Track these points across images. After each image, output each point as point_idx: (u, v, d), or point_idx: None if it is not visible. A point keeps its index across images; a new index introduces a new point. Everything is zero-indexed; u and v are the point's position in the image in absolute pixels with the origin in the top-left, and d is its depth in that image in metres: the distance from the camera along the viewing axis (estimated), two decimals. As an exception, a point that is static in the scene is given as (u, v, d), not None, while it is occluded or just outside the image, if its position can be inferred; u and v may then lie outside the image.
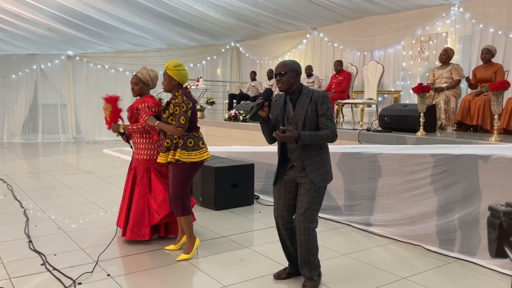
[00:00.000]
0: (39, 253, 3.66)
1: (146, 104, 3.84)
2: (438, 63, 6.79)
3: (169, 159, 3.54)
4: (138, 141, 3.95)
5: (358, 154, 4.57)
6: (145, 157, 3.92)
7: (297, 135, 2.85)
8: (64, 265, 3.41)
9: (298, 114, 2.97)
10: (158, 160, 3.66)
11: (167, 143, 3.57)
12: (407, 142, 5.12)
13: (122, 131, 3.91)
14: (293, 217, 3.10)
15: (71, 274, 3.21)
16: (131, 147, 4.06)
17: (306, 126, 2.94)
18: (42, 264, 3.43)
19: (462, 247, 3.69)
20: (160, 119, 3.61)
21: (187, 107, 3.47)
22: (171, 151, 3.53)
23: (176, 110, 3.48)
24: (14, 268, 3.36)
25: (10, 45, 11.88)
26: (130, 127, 3.85)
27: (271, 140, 3.13)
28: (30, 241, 3.96)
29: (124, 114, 4.06)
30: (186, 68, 3.74)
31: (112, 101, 3.99)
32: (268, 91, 3.12)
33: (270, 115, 3.09)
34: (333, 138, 2.94)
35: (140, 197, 3.89)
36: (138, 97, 4.00)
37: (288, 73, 2.98)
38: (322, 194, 3.00)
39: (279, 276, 3.25)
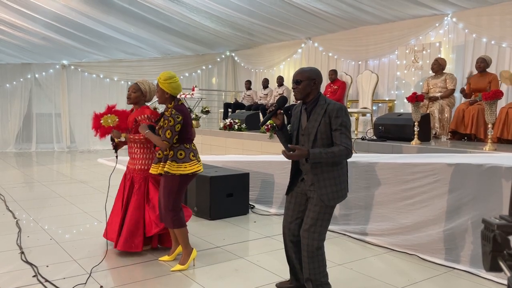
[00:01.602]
0: (31, 264, 3.61)
1: (145, 115, 3.82)
2: (431, 73, 6.84)
3: (159, 171, 3.52)
4: (135, 151, 3.92)
5: (353, 163, 4.56)
6: (141, 167, 3.89)
7: (306, 153, 2.69)
8: (56, 276, 3.36)
9: (311, 126, 2.83)
10: (150, 171, 3.62)
11: (159, 154, 3.54)
12: (401, 151, 5.13)
13: (123, 139, 3.87)
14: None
15: (63, 286, 3.17)
16: (116, 156, 4.04)
17: (317, 140, 2.80)
18: (34, 276, 3.38)
19: (458, 256, 3.68)
20: (154, 129, 3.59)
21: (175, 121, 3.40)
22: (162, 163, 3.51)
23: (165, 124, 3.44)
24: (6, 280, 3.31)
25: (4, 54, 11.85)
26: (131, 136, 3.83)
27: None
28: (22, 252, 3.90)
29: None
30: (181, 77, 3.74)
31: (122, 115, 3.96)
32: (282, 99, 3.03)
33: (289, 124, 3.01)
34: (347, 155, 2.74)
35: (136, 207, 3.85)
36: (132, 105, 3.98)
37: (304, 81, 2.84)
38: (330, 211, 2.85)
39: (281, 286, 3.20)
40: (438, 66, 6.54)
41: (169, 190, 3.51)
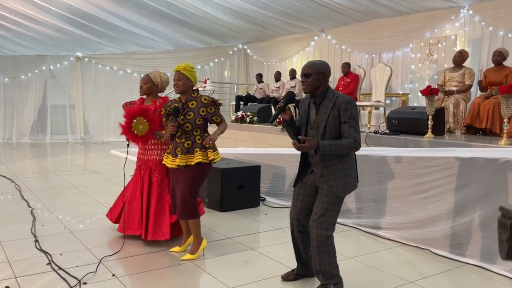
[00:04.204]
0: (45, 252, 3.67)
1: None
2: (447, 66, 6.74)
3: (197, 160, 3.43)
4: (153, 141, 3.93)
5: (365, 156, 4.53)
6: (160, 158, 3.90)
7: (315, 145, 2.73)
8: (69, 265, 3.41)
9: (320, 119, 2.85)
10: (177, 163, 3.48)
11: (188, 144, 3.49)
12: (415, 145, 5.08)
13: (163, 138, 3.69)
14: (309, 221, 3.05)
15: (76, 274, 3.21)
16: (128, 145, 3.81)
17: (326, 133, 2.82)
18: (48, 264, 3.44)
19: (471, 251, 3.64)
20: (178, 113, 3.49)
21: (219, 102, 3.59)
22: (198, 152, 3.46)
23: (211, 109, 3.53)
24: (20, 268, 3.37)
25: (19, 46, 11.98)
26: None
27: None
28: (37, 241, 3.97)
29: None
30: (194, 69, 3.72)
31: (144, 113, 3.69)
32: (290, 94, 3.05)
33: (295, 117, 3.03)
34: (356, 147, 2.79)
35: (160, 198, 3.89)
36: (143, 96, 4.02)
37: (313, 75, 2.85)
38: (339, 202, 2.88)
39: (287, 277, 3.22)
40: (462, 59, 6.43)
41: (202, 178, 3.56)
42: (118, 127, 3.73)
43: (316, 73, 2.86)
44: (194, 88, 3.67)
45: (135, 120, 3.64)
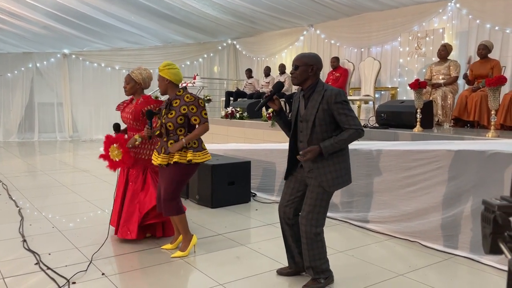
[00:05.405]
0: (33, 252, 3.63)
1: (151, 106, 3.80)
2: (435, 59, 6.78)
3: (175, 160, 3.43)
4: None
5: (354, 150, 4.54)
6: (143, 157, 3.89)
7: (318, 150, 2.72)
8: (58, 264, 3.38)
9: (309, 113, 2.82)
10: (158, 162, 3.50)
11: (171, 143, 3.48)
12: (404, 139, 5.11)
13: (139, 140, 3.76)
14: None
15: (65, 274, 3.18)
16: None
17: (316, 127, 2.80)
18: (36, 264, 3.40)
19: (461, 243, 3.67)
20: (152, 116, 3.54)
21: (202, 102, 3.50)
22: (178, 152, 3.46)
23: (193, 109, 3.46)
24: (8, 268, 3.33)
25: (5, 44, 11.79)
26: (143, 135, 3.79)
27: (288, 133, 3.03)
28: (25, 241, 3.92)
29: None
30: (183, 65, 3.70)
31: (116, 141, 3.85)
32: (279, 84, 3.03)
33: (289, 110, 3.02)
34: (359, 135, 2.75)
35: (133, 196, 3.87)
36: (131, 96, 3.99)
37: (300, 67, 2.83)
38: (327, 198, 2.86)
39: (281, 273, 3.21)
40: (446, 53, 6.47)
41: (179, 178, 3.50)
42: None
43: (304, 65, 2.84)
44: (183, 84, 3.65)
45: (111, 149, 3.87)
